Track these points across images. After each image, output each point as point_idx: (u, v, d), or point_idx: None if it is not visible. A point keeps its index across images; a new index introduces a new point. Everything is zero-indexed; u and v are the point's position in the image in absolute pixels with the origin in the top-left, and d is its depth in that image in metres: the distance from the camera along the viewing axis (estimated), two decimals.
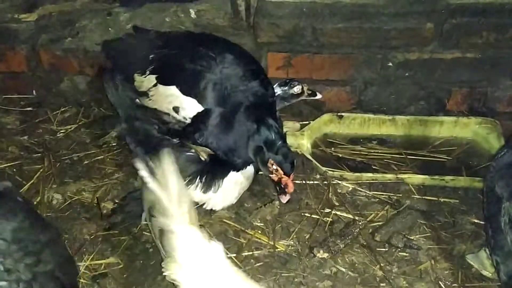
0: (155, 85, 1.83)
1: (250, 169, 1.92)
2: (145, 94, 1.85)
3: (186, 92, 1.79)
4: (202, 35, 2.16)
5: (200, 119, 1.79)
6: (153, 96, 1.83)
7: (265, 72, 2.01)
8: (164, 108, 1.82)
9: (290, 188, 1.79)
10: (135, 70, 1.88)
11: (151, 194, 1.48)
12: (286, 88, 2.14)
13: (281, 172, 1.77)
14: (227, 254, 1.44)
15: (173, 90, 1.80)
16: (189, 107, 1.79)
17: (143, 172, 1.44)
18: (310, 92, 2.19)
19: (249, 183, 1.97)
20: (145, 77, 1.85)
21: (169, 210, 1.40)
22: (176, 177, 1.42)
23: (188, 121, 1.80)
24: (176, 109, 1.80)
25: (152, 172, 1.44)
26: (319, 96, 2.21)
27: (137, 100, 1.89)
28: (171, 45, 1.92)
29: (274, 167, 1.76)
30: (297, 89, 2.14)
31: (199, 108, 1.78)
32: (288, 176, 1.77)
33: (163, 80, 1.82)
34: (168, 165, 1.42)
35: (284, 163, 1.75)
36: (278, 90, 2.13)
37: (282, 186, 1.79)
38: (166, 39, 1.98)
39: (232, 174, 1.88)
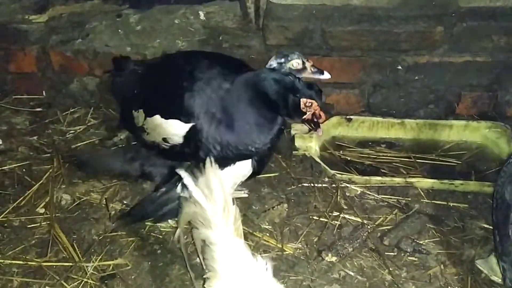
0: (145, 119, 1.81)
1: (246, 166, 1.85)
2: (142, 129, 1.84)
3: (168, 116, 1.74)
4: (178, 54, 2.13)
5: (192, 136, 1.72)
6: (148, 129, 1.82)
7: (250, 66, 1.85)
8: (158, 140, 1.80)
9: (323, 116, 1.66)
10: (132, 107, 1.88)
11: (192, 206, 1.43)
12: (283, 60, 1.81)
13: (315, 104, 1.63)
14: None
15: (157, 119, 1.76)
16: (174, 131, 1.74)
17: (188, 182, 1.40)
18: (315, 69, 1.83)
19: (248, 172, 1.87)
20: (138, 112, 1.84)
21: (214, 221, 1.35)
22: (222, 188, 1.38)
23: (179, 142, 1.75)
24: (165, 140, 1.77)
25: (196, 182, 1.40)
26: (326, 75, 1.85)
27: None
28: (149, 74, 1.92)
29: (308, 103, 1.63)
30: (296, 63, 1.79)
31: (184, 126, 1.72)
32: (321, 103, 1.64)
33: (148, 111, 1.80)
34: (213, 175, 1.38)
35: (315, 94, 1.63)
36: (273, 63, 1.81)
37: (316, 119, 1.66)
38: (145, 68, 1.98)
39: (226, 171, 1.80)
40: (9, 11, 2.61)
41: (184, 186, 1.48)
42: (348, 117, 2.41)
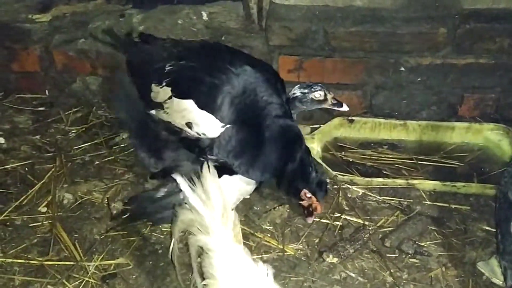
0: (170, 98, 1.78)
1: (251, 182, 1.89)
2: (160, 105, 1.81)
3: (202, 106, 1.73)
4: (219, 46, 2.08)
5: (218, 137, 1.74)
6: (168, 109, 1.79)
7: (284, 84, 1.93)
8: (178, 123, 1.78)
9: (319, 211, 1.82)
10: (152, 80, 1.83)
11: (188, 214, 1.41)
12: (307, 91, 1.95)
13: (314, 199, 1.79)
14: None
15: (188, 104, 1.74)
16: (205, 123, 1.74)
17: (184, 187, 1.38)
18: (335, 101, 1.96)
19: (251, 189, 1.94)
20: (162, 88, 1.80)
21: (212, 228, 1.33)
22: (220, 193, 1.36)
23: (203, 136, 1.75)
24: (189, 125, 1.75)
25: (193, 188, 1.37)
26: (345, 107, 1.95)
27: (152, 111, 1.85)
28: (187, 56, 1.86)
29: (308, 195, 1.79)
30: (318, 94, 1.93)
31: (216, 123, 1.73)
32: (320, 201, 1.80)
33: (179, 93, 1.77)
34: (211, 180, 1.36)
35: (319, 191, 1.79)
36: (296, 92, 1.96)
37: (311, 209, 1.82)
38: (182, 49, 1.92)
39: (228, 178, 1.83)
40: (12, 10, 2.61)
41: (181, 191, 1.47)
42: (350, 118, 2.41)
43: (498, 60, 2.32)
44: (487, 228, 1.95)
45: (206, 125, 1.74)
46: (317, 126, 2.40)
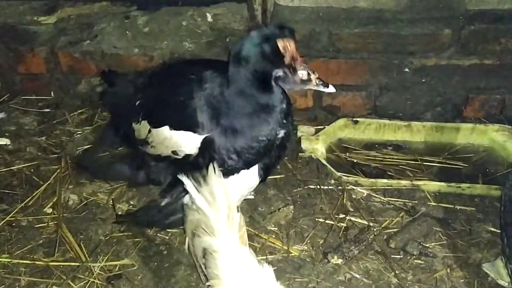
0: (149, 131, 1.74)
1: (253, 177, 1.83)
2: (145, 142, 1.77)
3: (178, 127, 1.69)
4: (177, 64, 2.05)
5: (206, 148, 1.68)
6: (152, 143, 1.75)
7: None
8: (165, 153, 1.74)
9: (300, 60, 1.64)
10: (130, 119, 1.81)
11: (195, 214, 1.40)
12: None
13: (293, 44, 1.59)
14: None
15: (165, 131, 1.70)
16: (187, 143, 1.69)
17: (190, 189, 1.38)
18: (320, 82, 1.77)
19: (256, 182, 1.86)
20: (139, 124, 1.78)
21: (217, 229, 1.33)
22: (225, 194, 1.35)
23: (193, 152, 1.70)
24: (175, 153, 1.72)
25: (199, 189, 1.37)
26: (331, 88, 1.76)
27: (144, 149, 1.81)
28: (150, 84, 1.85)
29: (286, 44, 1.59)
30: (301, 74, 1.75)
31: (197, 138, 1.67)
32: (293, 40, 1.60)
33: (154, 123, 1.74)
34: (216, 181, 1.35)
35: (288, 32, 1.60)
36: (279, 72, 1.76)
37: (294, 63, 1.63)
38: (144, 79, 1.91)
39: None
40: (18, 12, 2.63)
41: (188, 193, 1.45)
42: (354, 119, 2.41)
43: (503, 61, 2.32)
44: (492, 229, 1.95)
45: (189, 144, 1.68)
46: (322, 127, 2.40)
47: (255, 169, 1.78)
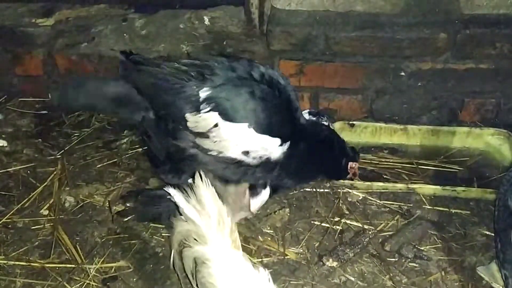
0: (216, 125, 1.66)
1: (266, 193, 1.98)
2: (203, 135, 1.67)
3: (260, 128, 1.66)
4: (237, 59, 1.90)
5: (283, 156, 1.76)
6: (215, 138, 1.67)
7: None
8: (230, 153, 1.68)
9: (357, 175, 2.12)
10: (183, 109, 1.69)
11: (184, 225, 1.39)
12: (314, 119, 2.08)
13: (356, 166, 2.07)
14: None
15: (242, 129, 1.65)
16: (265, 146, 1.67)
17: (178, 199, 1.37)
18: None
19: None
20: (200, 116, 1.67)
21: (209, 236, 1.31)
22: (215, 200, 1.34)
23: (258, 160, 1.70)
24: (246, 153, 1.69)
25: (187, 199, 1.36)
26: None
27: (192, 150, 1.71)
28: (216, 77, 1.72)
29: (353, 165, 2.06)
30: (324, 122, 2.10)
31: (276, 142, 1.68)
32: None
33: (229, 117, 1.65)
34: (204, 188, 1.34)
35: (356, 157, 2.09)
36: (306, 117, 2.04)
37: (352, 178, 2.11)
38: (205, 68, 1.76)
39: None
40: (16, 14, 2.64)
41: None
42: (351, 122, 2.42)
43: (499, 65, 2.33)
44: (487, 232, 1.95)
45: (267, 148, 1.70)
46: None
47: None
